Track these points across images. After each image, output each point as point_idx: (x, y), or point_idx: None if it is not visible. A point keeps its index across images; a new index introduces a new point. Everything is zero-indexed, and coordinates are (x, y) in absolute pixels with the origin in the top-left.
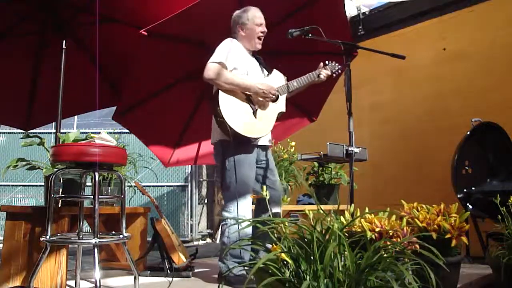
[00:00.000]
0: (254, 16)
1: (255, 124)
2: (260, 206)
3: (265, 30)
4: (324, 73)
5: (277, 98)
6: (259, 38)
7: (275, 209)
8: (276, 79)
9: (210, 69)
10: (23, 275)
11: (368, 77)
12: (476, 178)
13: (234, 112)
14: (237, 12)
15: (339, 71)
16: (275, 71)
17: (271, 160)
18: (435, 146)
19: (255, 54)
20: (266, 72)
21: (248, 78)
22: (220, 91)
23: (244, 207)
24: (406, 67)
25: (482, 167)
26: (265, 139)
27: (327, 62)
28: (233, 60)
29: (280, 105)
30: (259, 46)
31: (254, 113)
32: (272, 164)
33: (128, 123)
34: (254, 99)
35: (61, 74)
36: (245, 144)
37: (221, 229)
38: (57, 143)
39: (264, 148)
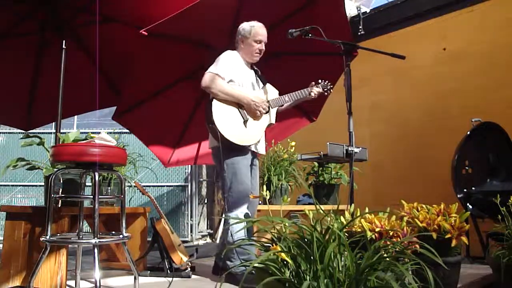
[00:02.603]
0: (256, 33)
1: (244, 132)
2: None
3: (263, 48)
4: (315, 91)
5: (268, 110)
6: (256, 53)
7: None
8: (269, 92)
9: (207, 78)
10: (23, 275)
11: (368, 77)
12: (476, 178)
13: (225, 119)
14: (243, 24)
15: (330, 90)
16: (268, 85)
17: (256, 167)
18: (435, 146)
19: (253, 66)
20: (261, 85)
21: (243, 89)
22: (214, 99)
23: (245, 207)
24: (406, 67)
25: (482, 167)
26: (257, 147)
27: (319, 80)
28: (230, 72)
29: (270, 117)
30: (256, 59)
31: (245, 122)
32: (257, 171)
33: (128, 123)
34: (246, 110)
35: (61, 74)
36: (239, 148)
37: (224, 229)
38: (57, 143)
39: (255, 154)
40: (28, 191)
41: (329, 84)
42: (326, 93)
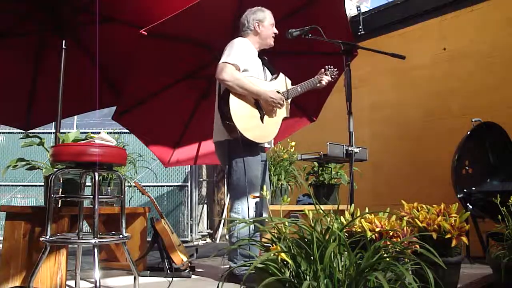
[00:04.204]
0: (270, 16)
1: (262, 129)
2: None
3: (277, 31)
4: (325, 79)
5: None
6: (273, 37)
7: (264, 213)
8: (282, 83)
9: (224, 70)
10: (23, 275)
11: (368, 77)
12: (476, 178)
13: (243, 116)
14: (251, 9)
15: (337, 75)
16: (281, 75)
17: (266, 162)
18: (435, 146)
19: (260, 54)
20: (268, 74)
21: (260, 84)
22: (231, 93)
23: (251, 208)
24: (406, 67)
25: (482, 167)
26: (268, 142)
27: (326, 67)
28: (246, 61)
29: (284, 110)
30: (272, 43)
31: (262, 118)
32: (266, 166)
33: (128, 123)
34: (263, 105)
35: (61, 74)
36: (252, 146)
37: (230, 229)
38: (56, 143)
39: (264, 149)
40: (28, 191)
41: (335, 70)
42: (332, 79)
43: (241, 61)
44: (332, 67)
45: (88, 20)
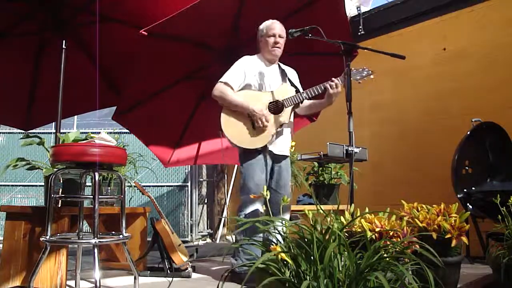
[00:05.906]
0: (269, 28)
1: (254, 135)
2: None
3: (278, 41)
4: (330, 85)
5: (281, 111)
6: (273, 48)
7: (285, 215)
8: (283, 92)
9: (216, 89)
10: (23, 275)
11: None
12: (476, 178)
13: (233, 126)
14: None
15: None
16: (285, 84)
17: (283, 167)
18: (435, 146)
19: (279, 64)
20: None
21: (252, 97)
22: (223, 107)
23: (256, 208)
24: (406, 67)
25: (482, 167)
26: (275, 148)
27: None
28: (242, 78)
29: (283, 117)
30: (275, 53)
31: (253, 124)
32: (282, 172)
33: (128, 123)
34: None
35: (61, 74)
36: (252, 151)
37: (234, 228)
38: (57, 143)
39: (275, 156)
40: (28, 191)
41: (344, 79)
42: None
43: (235, 80)
44: (342, 76)
45: (88, 20)
